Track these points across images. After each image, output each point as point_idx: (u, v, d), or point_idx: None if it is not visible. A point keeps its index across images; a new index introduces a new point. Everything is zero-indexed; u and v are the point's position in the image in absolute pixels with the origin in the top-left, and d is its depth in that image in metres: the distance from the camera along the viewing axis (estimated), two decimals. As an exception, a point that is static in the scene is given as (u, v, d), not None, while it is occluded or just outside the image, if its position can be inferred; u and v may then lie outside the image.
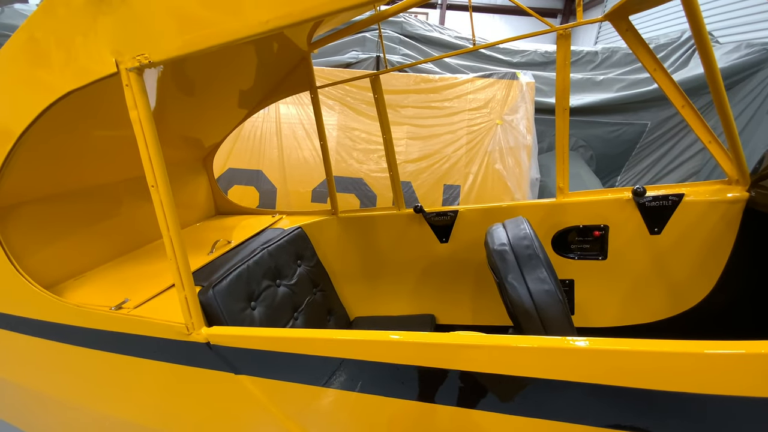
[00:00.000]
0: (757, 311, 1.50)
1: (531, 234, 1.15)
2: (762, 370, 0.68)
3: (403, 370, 0.89)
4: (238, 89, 1.77)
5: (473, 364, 0.83)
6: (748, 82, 4.16)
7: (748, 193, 1.45)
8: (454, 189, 3.25)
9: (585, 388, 0.78)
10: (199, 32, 0.76)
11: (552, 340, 0.79)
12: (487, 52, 4.69)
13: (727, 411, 0.71)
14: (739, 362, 0.69)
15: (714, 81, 1.31)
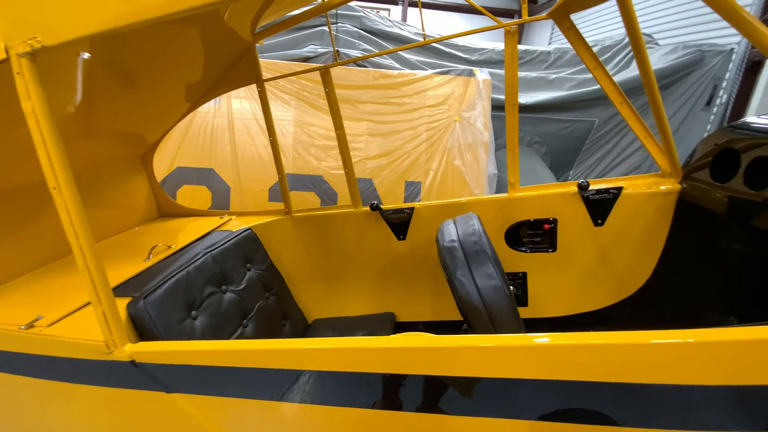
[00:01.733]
0: (689, 295, 1.61)
1: (479, 230, 1.15)
2: (709, 357, 0.71)
3: (347, 377, 0.85)
4: (178, 81, 1.63)
5: (426, 367, 0.81)
6: (685, 81, 4.51)
7: (681, 186, 1.54)
8: (415, 185, 3.26)
9: (541, 384, 0.78)
10: (97, 13, 0.67)
11: (506, 338, 0.78)
12: (446, 49, 4.73)
13: (672, 398, 0.73)
14: (684, 351, 0.71)
15: (648, 81, 1.38)
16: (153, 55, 1.37)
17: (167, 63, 1.48)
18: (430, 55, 4.65)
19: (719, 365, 0.71)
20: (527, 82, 4.62)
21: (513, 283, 1.83)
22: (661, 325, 0.71)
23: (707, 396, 0.73)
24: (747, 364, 0.70)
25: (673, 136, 4.26)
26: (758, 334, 0.67)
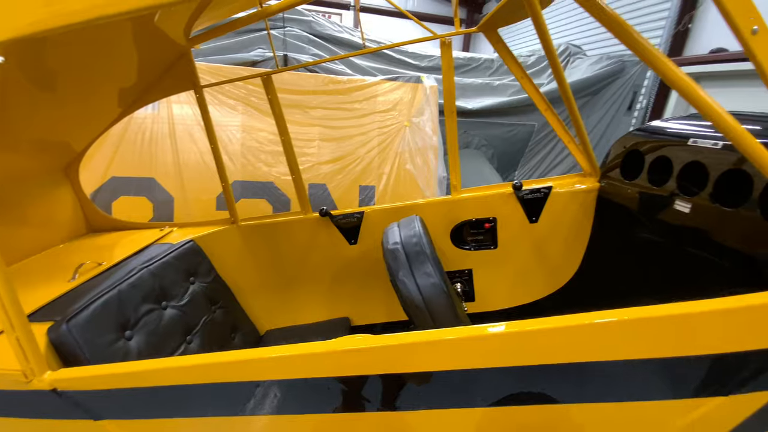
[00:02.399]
0: (612, 282, 1.80)
1: (420, 231, 1.20)
2: (638, 333, 0.77)
3: (303, 384, 0.86)
4: (105, 85, 1.53)
5: (374, 366, 0.84)
6: (609, 88, 5.00)
7: (599, 184, 1.72)
8: (369, 189, 3.30)
9: (490, 372, 0.82)
10: (16, 17, 0.63)
11: (445, 332, 0.81)
12: (397, 55, 4.85)
13: (608, 373, 0.80)
14: (614, 329, 0.77)
15: (564, 92, 1.53)
16: (75, 56, 1.28)
17: (92, 65, 1.38)
18: (382, 62, 4.74)
19: (648, 340, 0.78)
20: (473, 88, 4.87)
21: (460, 279, 1.92)
22: (589, 310, 0.79)
23: (639, 369, 0.80)
24: (672, 337, 0.78)
25: (602, 138, 4.64)
26: (676, 309, 0.76)
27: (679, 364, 0.80)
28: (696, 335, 0.78)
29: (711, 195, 1.17)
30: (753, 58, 0.62)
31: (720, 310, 0.74)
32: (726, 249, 1.14)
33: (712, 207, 1.17)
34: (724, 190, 1.14)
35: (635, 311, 0.77)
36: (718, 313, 0.75)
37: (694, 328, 0.78)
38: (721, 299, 0.75)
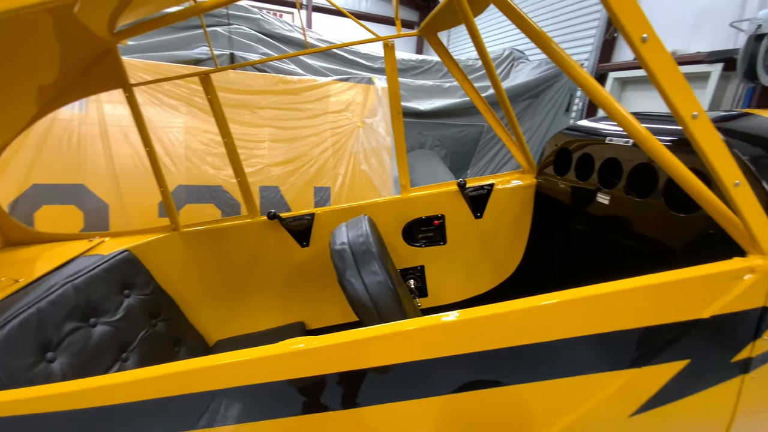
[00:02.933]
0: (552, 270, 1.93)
1: (367, 231, 1.22)
2: (578, 313, 0.83)
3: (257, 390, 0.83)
4: (19, 82, 1.38)
5: (324, 366, 0.83)
6: (549, 91, 5.36)
7: (536, 180, 1.85)
8: (324, 191, 3.26)
9: (446, 362, 0.84)
10: None
11: (394, 325, 0.83)
12: (350, 56, 4.85)
13: (554, 351, 0.85)
14: (554, 310, 0.83)
15: (500, 96, 1.62)
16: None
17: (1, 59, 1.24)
18: (334, 62, 4.72)
19: (587, 318, 0.85)
20: (425, 89, 5.00)
21: (413, 276, 1.97)
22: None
23: (580, 345, 0.87)
24: (604, 315, 0.86)
25: (544, 137, 4.95)
26: (608, 288, 0.83)
27: (604, 340, 0.88)
28: (615, 313, 0.87)
29: (625, 187, 1.30)
30: (643, 64, 0.70)
31: (631, 288, 0.83)
32: (639, 234, 1.28)
33: (626, 198, 1.31)
34: (635, 183, 1.28)
35: (560, 294, 0.84)
36: (630, 291, 0.84)
37: (612, 306, 0.87)
38: (632, 279, 0.84)
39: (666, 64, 0.69)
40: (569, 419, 0.95)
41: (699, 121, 0.72)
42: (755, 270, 0.84)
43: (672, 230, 1.16)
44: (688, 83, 0.71)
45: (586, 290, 0.84)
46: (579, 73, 0.86)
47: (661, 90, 0.71)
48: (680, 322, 0.86)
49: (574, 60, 0.85)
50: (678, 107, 0.72)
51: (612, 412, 0.96)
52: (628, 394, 0.94)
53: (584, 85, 0.85)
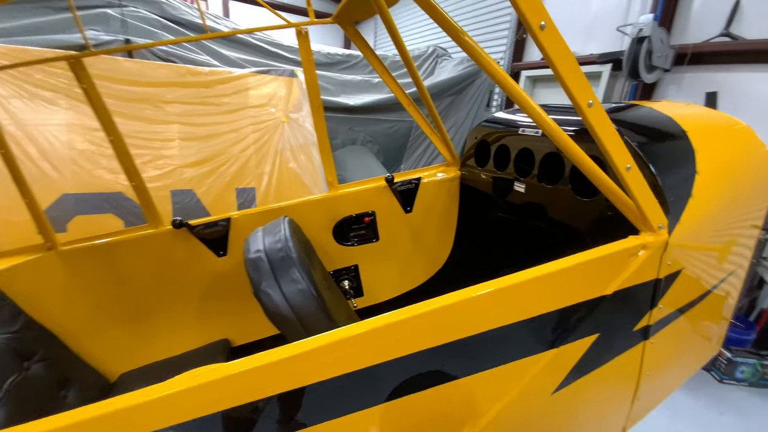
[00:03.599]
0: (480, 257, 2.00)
1: (286, 234, 1.11)
2: (505, 301, 0.82)
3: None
4: None
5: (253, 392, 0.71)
6: (471, 87, 5.64)
7: (460, 172, 1.89)
8: (248, 192, 3.02)
9: (387, 366, 0.78)
10: None
11: (320, 338, 0.74)
12: (271, 48, 4.56)
13: (489, 341, 0.84)
14: (485, 300, 0.81)
15: (423, 93, 1.61)
16: None
17: None
18: (254, 53, 4.39)
19: (513, 306, 0.85)
20: (353, 84, 4.92)
21: (347, 276, 1.90)
22: (464, 286, 0.81)
23: (509, 333, 0.87)
24: (528, 300, 0.87)
25: (469, 131, 5.13)
26: (527, 275, 0.84)
27: (528, 325, 0.90)
28: (535, 298, 0.89)
29: (537, 176, 1.38)
30: (543, 51, 0.71)
31: (546, 274, 0.86)
32: (551, 218, 1.37)
33: (539, 186, 1.38)
34: (546, 171, 1.36)
35: (485, 285, 0.83)
36: (545, 276, 0.86)
37: (533, 292, 0.89)
38: (546, 265, 0.87)
39: (562, 52, 0.71)
40: (500, 406, 0.97)
41: (594, 109, 0.76)
42: (647, 246, 0.92)
43: (578, 213, 1.25)
44: (583, 73, 0.73)
45: (508, 279, 0.84)
46: (493, 67, 0.86)
47: (560, 78, 0.73)
48: (589, 300, 0.92)
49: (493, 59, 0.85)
50: (576, 96, 0.74)
51: (536, 393, 0.99)
52: (549, 373, 0.98)
53: (498, 78, 0.85)
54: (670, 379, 1.34)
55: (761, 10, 2.89)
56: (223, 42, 4.11)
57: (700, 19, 3.43)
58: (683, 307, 1.13)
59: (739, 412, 2.44)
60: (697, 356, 1.39)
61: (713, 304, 1.23)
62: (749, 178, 1.16)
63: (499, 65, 0.86)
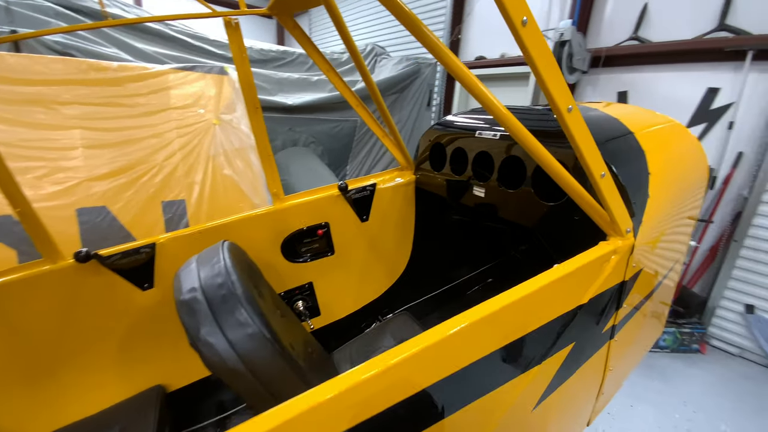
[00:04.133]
0: (439, 261, 1.95)
1: (227, 265, 0.92)
2: (482, 332, 0.74)
3: None
4: None
5: None
6: (412, 87, 5.67)
7: (415, 176, 1.82)
8: (177, 205, 2.65)
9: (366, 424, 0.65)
10: None
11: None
12: (195, 42, 4.11)
13: (474, 374, 0.76)
14: (463, 334, 0.73)
15: (373, 92, 1.50)
16: None
17: None
18: (175, 48, 3.91)
19: (495, 333, 0.79)
20: (291, 83, 4.64)
21: (300, 296, 1.72)
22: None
23: (492, 361, 0.80)
24: (512, 323, 0.80)
25: (411, 132, 5.14)
26: (513, 296, 0.77)
27: (511, 348, 0.83)
28: (517, 320, 0.83)
29: (498, 179, 1.34)
30: (522, 46, 0.65)
31: (529, 294, 0.80)
32: (514, 224, 1.34)
33: (499, 190, 1.35)
34: (507, 174, 1.33)
35: (465, 317, 0.75)
36: (527, 297, 0.80)
37: (515, 314, 0.82)
38: (527, 283, 0.81)
39: (543, 50, 0.65)
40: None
41: (573, 115, 0.71)
42: (617, 251, 0.91)
43: (542, 218, 1.23)
44: (563, 75, 0.68)
45: (489, 306, 0.77)
46: (455, 64, 0.77)
47: (540, 80, 0.67)
48: (569, 312, 0.88)
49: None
50: (556, 99, 0.68)
51: (518, 414, 0.94)
52: (530, 391, 0.93)
53: (459, 76, 0.76)
54: (627, 368, 1.40)
55: (665, 15, 3.25)
56: (138, 34, 3.60)
57: (612, 24, 3.78)
58: (641, 302, 1.16)
59: (665, 378, 2.74)
60: (648, 342, 1.48)
61: (662, 293, 1.31)
62: (688, 173, 1.24)
63: (459, 60, 0.77)
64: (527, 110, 1.35)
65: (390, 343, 1.60)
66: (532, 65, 0.66)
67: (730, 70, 2.83)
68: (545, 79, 0.66)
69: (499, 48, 5.14)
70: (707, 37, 2.90)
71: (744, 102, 2.76)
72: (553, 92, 0.68)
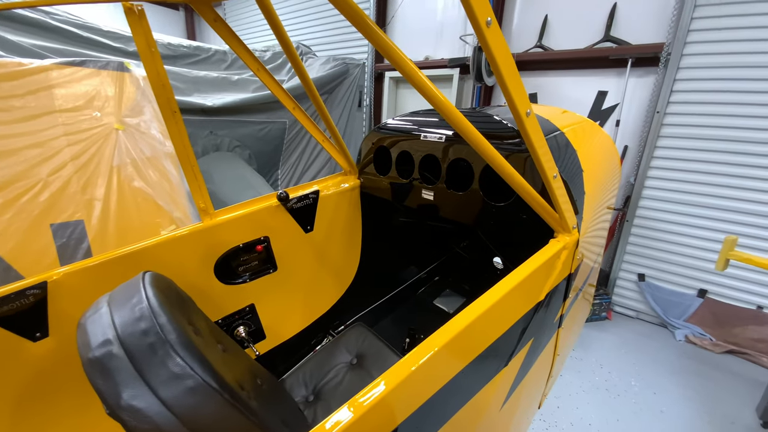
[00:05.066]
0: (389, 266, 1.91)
1: (152, 307, 0.75)
2: (449, 353, 0.72)
3: None
4: None
5: None
6: (341, 87, 5.57)
7: (359, 180, 1.75)
8: (72, 227, 2.22)
9: None
10: None
11: None
12: (87, 34, 3.49)
13: (450, 391, 0.74)
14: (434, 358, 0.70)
15: (311, 92, 1.39)
16: None
17: None
18: (60, 40, 3.26)
19: (458, 352, 0.76)
20: (209, 82, 4.22)
21: (242, 321, 1.54)
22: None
23: (467, 374, 0.78)
24: (480, 335, 0.79)
25: (344, 133, 5.05)
26: (479, 309, 0.76)
27: (482, 358, 0.82)
28: (487, 329, 0.82)
29: (446, 182, 1.35)
30: (486, 47, 0.63)
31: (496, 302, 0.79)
32: (464, 225, 1.35)
33: (448, 192, 1.35)
34: (454, 176, 1.33)
35: (437, 339, 0.71)
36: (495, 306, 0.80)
37: (484, 325, 0.81)
38: (492, 290, 0.80)
39: (504, 52, 0.64)
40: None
41: (531, 119, 0.71)
42: (566, 247, 0.96)
43: (491, 218, 1.26)
44: (521, 79, 0.67)
45: (458, 323, 0.74)
46: (407, 63, 0.72)
47: (502, 83, 0.66)
48: (529, 311, 0.90)
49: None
50: (516, 103, 0.68)
51: (489, 417, 0.94)
52: (498, 393, 0.93)
53: (411, 76, 0.72)
54: (569, 349, 1.52)
55: (563, 26, 3.66)
56: (8, 24, 2.92)
57: (521, 32, 4.14)
58: (580, 289, 1.26)
59: (584, 346, 3.08)
60: (582, 321, 1.62)
61: (593, 276, 1.44)
62: (607, 167, 1.37)
63: (410, 60, 0.73)
64: (470, 112, 1.38)
65: (346, 358, 1.52)
66: (495, 67, 0.65)
67: (615, 75, 3.30)
68: (507, 81, 0.65)
69: (424, 50, 5.31)
70: (596, 46, 3.34)
71: (626, 103, 3.23)
72: (513, 95, 0.67)
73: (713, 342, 2.91)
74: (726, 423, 2.19)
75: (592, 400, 2.30)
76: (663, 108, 2.86)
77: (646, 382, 2.54)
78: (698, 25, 2.62)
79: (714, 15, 2.56)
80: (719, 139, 2.67)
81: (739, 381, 2.57)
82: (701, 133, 2.74)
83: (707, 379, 2.58)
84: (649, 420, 2.17)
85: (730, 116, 2.60)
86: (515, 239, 1.04)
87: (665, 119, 2.90)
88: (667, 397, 2.38)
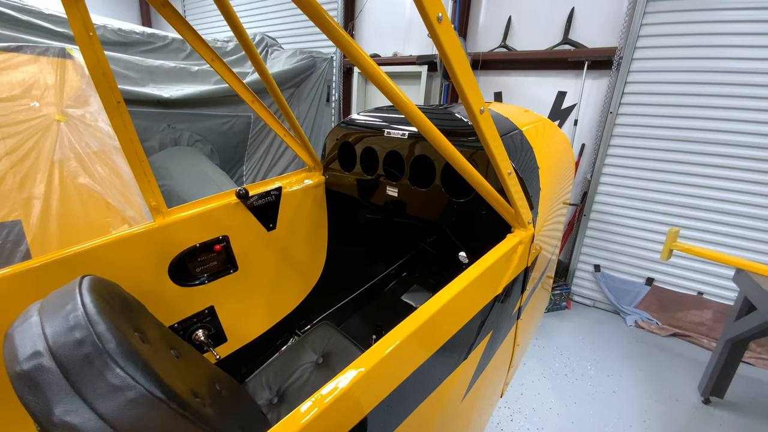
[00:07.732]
0: (357, 262, 1.90)
1: (88, 314, 0.69)
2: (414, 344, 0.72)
3: None
4: None
5: None
6: (309, 81, 5.44)
7: (324, 177, 1.72)
8: (8, 228, 2.02)
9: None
10: None
11: None
12: (22, 16, 3.17)
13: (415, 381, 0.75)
14: (402, 347, 0.70)
15: (267, 81, 1.34)
16: None
17: None
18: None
19: (420, 344, 0.77)
20: (165, 72, 3.98)
21: (201, 324, 1.47)
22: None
23: (429, 365, 0.79)
24: (440, 329, 0.79)
25: (312, 128, 4.96)
26: (438, 303, 0.78)
27: (444, 349, 0.83)
28: (448, 321, 0.83)
29: (409, 179, 1.35)
30: (438, 44, 0.63)
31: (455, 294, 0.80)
32: (426, 221, 1.37)
33: (412, 188, 1.35)
34: (417, 173, 1.34)
35: (399, 332, 0.71)
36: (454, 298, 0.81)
37: (444, 318, 0.82)
38: (452, 284, 0.81)
39: (456, 48, 0.63)
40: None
41: (485, 116, 0.72)
42: (522, 241, 0.98)
43: (452, 214, 1.28)
44: (474, 77, 0.68)
45: (419, 316, 0.75)
46: (364, 59, 0.71)
47: (455, 80, 0.66)
48: (487, 305, 0.92)
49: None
50: (470, 100, 0.68)
51: (451, 408, 0.96)
52: (460, 385, 0.95)
53: (369, 72, 0.71)
54: (529, 339, 1.58)
55: (525, 28, 3.78)
56: None
57: (486, 31, 4.23)
58: (537, 281, 1.31)
59: (545, 334, 3.23)
60: (541, 311, 1.69)
61: (550, 268, 1.50)
62: (562, 164, 1.43)
63: (371, 59, 0.72)
64: (433, 109, 1.38)
65: (311, 357, 1.49)
66: (448, 63, 0.65)
67: (573, 76, 3.45)
68: (459, 78, 0.66)
69: (392, 46, 5.29)
70: (556, 48, 3.47)
71: (584, 103, 3.40)
72: (467, 92, 0.68)
73: (659, 326, 3.14)
74: (671, 401, 2.38)
75: (552, 386, 2.42)
76: (615, 109, 3.03)
77: (601, 365, 2.71)
78: (647, 31, 2.80)
79: (662, 21, 2.73)
80: (665, 138, 2.88)
81: (682, 361, 2.80)
82: (649, 132, 2.94)
83: (654, 360, 2.79)
84: (603, 401, 2.32)
85: (676, 117, 2.80)
86: (477, 234, 1.06)
87: (617, 119, 3.08)
88: (619, 379, 2.55)
